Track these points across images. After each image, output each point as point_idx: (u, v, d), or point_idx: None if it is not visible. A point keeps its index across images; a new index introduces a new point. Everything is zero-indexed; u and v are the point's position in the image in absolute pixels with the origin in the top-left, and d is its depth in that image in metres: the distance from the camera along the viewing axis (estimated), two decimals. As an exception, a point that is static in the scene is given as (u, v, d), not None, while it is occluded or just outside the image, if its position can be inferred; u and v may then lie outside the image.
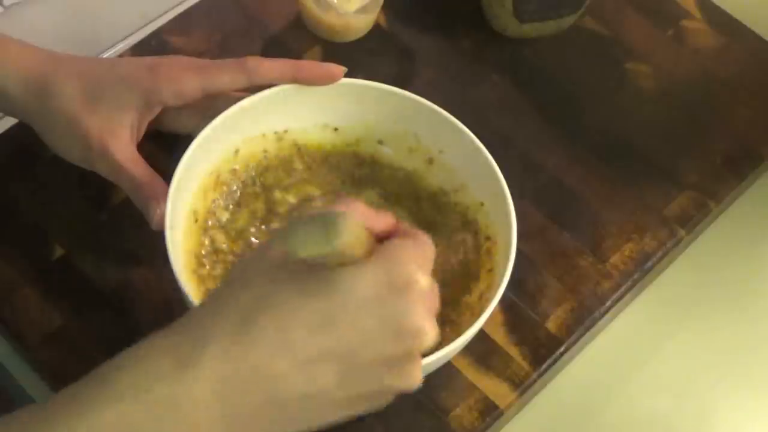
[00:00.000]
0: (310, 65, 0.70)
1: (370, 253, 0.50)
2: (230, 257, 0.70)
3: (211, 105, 0.70)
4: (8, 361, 0.71)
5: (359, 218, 0.50)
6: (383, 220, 0.52)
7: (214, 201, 0.71)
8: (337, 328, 0.48)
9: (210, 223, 0.70)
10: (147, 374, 0.47)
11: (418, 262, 0.50)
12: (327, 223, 0.46)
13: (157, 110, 0.71)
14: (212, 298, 0.50)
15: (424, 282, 0.50)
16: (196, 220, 0.69)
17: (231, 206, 0.72)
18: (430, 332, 0.50)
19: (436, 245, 0.72)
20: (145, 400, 0.46)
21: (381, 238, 0.52)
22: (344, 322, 0.48)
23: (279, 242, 0.49)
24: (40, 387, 0.70)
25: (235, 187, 0.72)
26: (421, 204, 0.74)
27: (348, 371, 0.49)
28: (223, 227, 0.71)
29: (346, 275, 0.48)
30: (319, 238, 0.46)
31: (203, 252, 0.69)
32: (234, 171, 0.72)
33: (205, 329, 0.48)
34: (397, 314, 0.48)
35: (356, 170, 0.74)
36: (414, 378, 0.51)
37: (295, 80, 0.70)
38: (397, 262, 0.49)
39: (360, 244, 0.49)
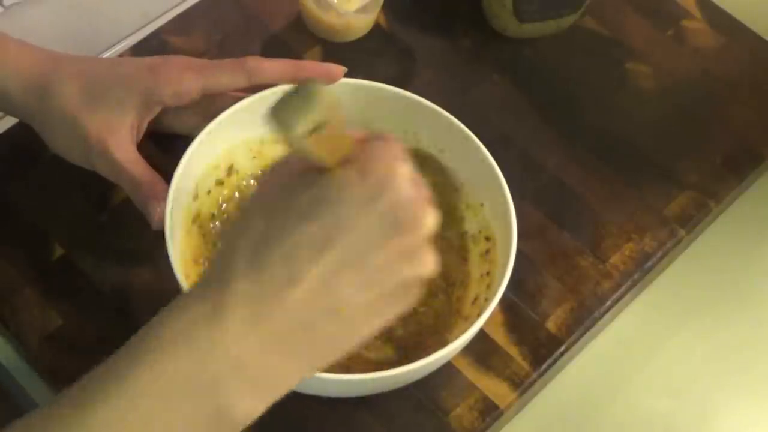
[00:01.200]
0: (310, 65, 0.70)
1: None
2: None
3: (211, 105, 0.70)
4: (8, 361, 0.71)
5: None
6: (352, 134, 0.54)
7: (213, 201, 0.71)
8: (339, 241, 0.49)
9: (210, 222, 0.70)
10: (183, 326, 0.48)
11: (393, 154, 0.51)
12: (307, 91, 0.47)
13: (157, 110, 0.71)
14: (223, 246, 0.51)
15: (404, 169, 0.50)
16: (196, 220, 0.69)
17: (231, 206, 0.72)
18: (428, 213, 0.51)
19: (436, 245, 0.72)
20: (190, 349, 0.47)
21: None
22: (345, 233, 0.49)
23: (268, 185, 0.50)
24: (40, 387, 0.70)
25: (235, 187, 0.72)
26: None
27: (363, 275, 0.49)
28: (222, 227, 0.71)
29: (333, 187, 0.49)
30: (307, 105, 0.47)
31: (203, 252, 0.69)
32: (234, 171, 0.72)
33: (222, 275, 0.49)
34: (391, 206, 0.49)
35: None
36: (429, 262, 0.52)
37: (295, 80, 0.70)
38: (374, 161, 0.50)
39: (339, 145, 0.50)
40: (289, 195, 0.50)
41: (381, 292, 0.50)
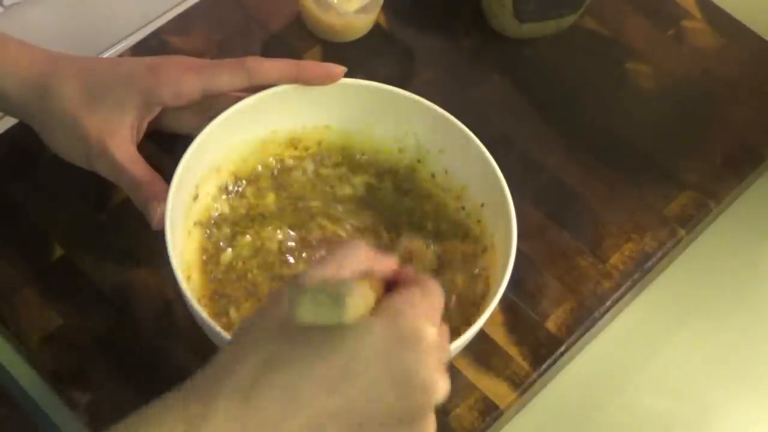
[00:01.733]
0: (311, 65, 0.70)
1: (375, 301, 0.50)
2: (230, 258, 0.70)
3: (211, 105, 0.70)
4: (8, 361, 0.71)
5: (361, 263, 0.50)
6: (385, 264, 0.52)
7: (214, 201, 0.71)
8: (346, 388, 0.48)
9: (210, 222, 0.70)
10: None
11: (425, 313, 0.49)
12: (337, 296, 0.46)
13: (156, 110, 0.71)
14: (221, 357, 0.50)
15: (431, 334, 0.49)
16: (196, 220, 0.69)
17: (231, 206, 0.72)
18: (441, 385, 0.49)
19: (436, 245, 0.72)
20: None
21: (388, 282, 0.52)
22: (353, 382, 0.48)
23: (284, 304, 0.49)
24: (40, 387, 0.70)
25: (234, 187, 0.72)
26: (420, 204, 0.74)
27: (359, 427, 0.48)
28: (222, 227, 0.71)
29: (353, 333, 0.48)
30: (327, 310, 0.46)
31: (203, 252, 0.69)
32: (234, 171, 0.72)
33: (214, 389, 0.47)
34: (406, 370, 0.48)
35: (355, 170, 0.74)
36: (428, 430, 0.50)
37: (295, 80, 0.70)
38: (402, 317, 0.49)
39: (366, 305, 0.49)
40: (305, 329, 0.48)
41: None
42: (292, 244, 0.71)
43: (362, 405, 0.48)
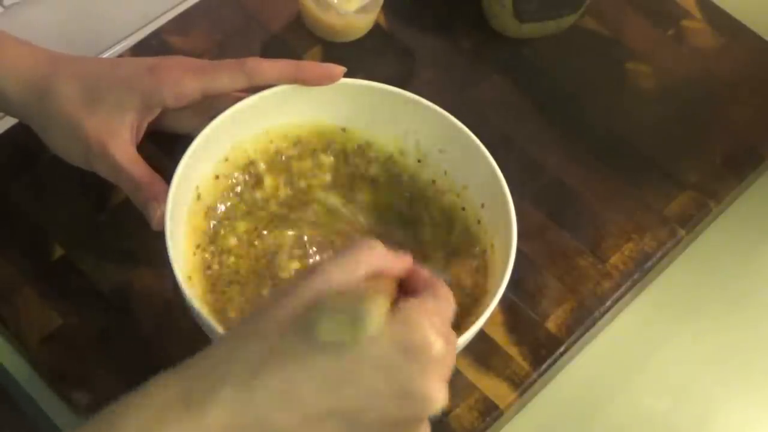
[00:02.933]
0: (310, 65, 0.70)
1: (390, 301, 0.50)
2: (230, 258, 0.70)
3: (211, 105, 0.70)
4: (8, 361, 0.71)
5: (376, 262, 0.50)
6: (401, 264, 0.52)
7: (214, 201, 0.71)
8: (345, 388, 0.48)
9: (210, 222, 0.70)
10: (156, 418, 0.47)
11: (434, 324, 0.49)
12: (355, 318, 0.46)
13: (156, 111, 0.71)
14: (225, 343, 0.50)
15: (438, 346, 0.49)
16: (196, 221, 0.69)
17: (231, 206, 0.72)
18: (439, 399, 0.49)
19: (434, 243, 0.72)
20: None
21: (401, 282, 0.52)
22: (353, 383, 0.48)
23: (288, 305, 0.49)
24: (40, 387, 0.70)
25: (235, 187, 0.72)
26: (420, 203, 0.74)
27: (352, 430, 0.48)
28: (222, 227, 0.71)
29: None
30: (346, 330, 0.46)
31: (204, 251, 0.69)
32: (234, 171, 0.72)
33: (215, 375, 0.47)
34: (408, 379, 0.48)
35: (355, 170, 0.74)
36: None
37: (295, 80, 0.70)
38: (412, 326, 0.48)
39: (380, 314, 0.48)
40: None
41: None
42: (294, 244, 0.71)
43: (359, 408, 0.48)
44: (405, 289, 0.53)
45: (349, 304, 0.47)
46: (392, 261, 0.52)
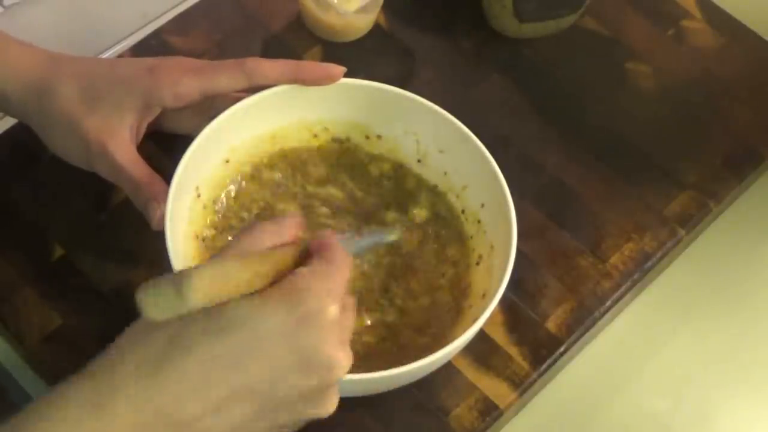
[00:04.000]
0: (310, 66, 0.70)
1: (279, 275, 0.50)
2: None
3: (211, 105, 0.70)
4: (8, 361, 0.72)
5: (261, 241, 0.51)
6: (287, 232, 0.53)
7: (214, 201, 0.71)
8: (246, 366, 0.48)
9: (210, 222, 0.70)
10: (65, 421, 0.47)
11: (326, 288, 0.50)
12: (179, 282, 0.46)
13: (156, 112, 0.71)
14: (126, 337, 0.50)
15: (331, 312, 0.49)
16: (197, 220, 0.69)
17: (232, 206, 0.72)
18: (343, 362, 0.50)
19: (435, 243, 0.72)
20: None
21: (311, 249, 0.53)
22: (253, 359, 0.48)
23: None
24: (39, 387, 0.70)
25: (235, 188, 0.72)
26: (420, 203, 0.74)
27: (263, 405, 0.49)
28: (223, 227, 0.71)
29: (252, 311, 0.48)
30: (172, 299, 0.46)
31: (204, 251, 0.69)
32: (234, 170, 0.72)
33: (117, 373, 0.48)
34: (307, 347, 0.48)
35: (355, 169, 0.74)
36: (329, 405, 0.51)
37: (294, 81, 0.70)
38: (301, 295, 0.49)
39: (246, 284, 0.49)
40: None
41: (272, 425, 0.50)
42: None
43: (265, 383, 0.48)
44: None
45: (167, 278, 0.47)
46: (277, 235, 0.52)
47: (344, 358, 0.50)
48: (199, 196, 0.70)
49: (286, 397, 0.49)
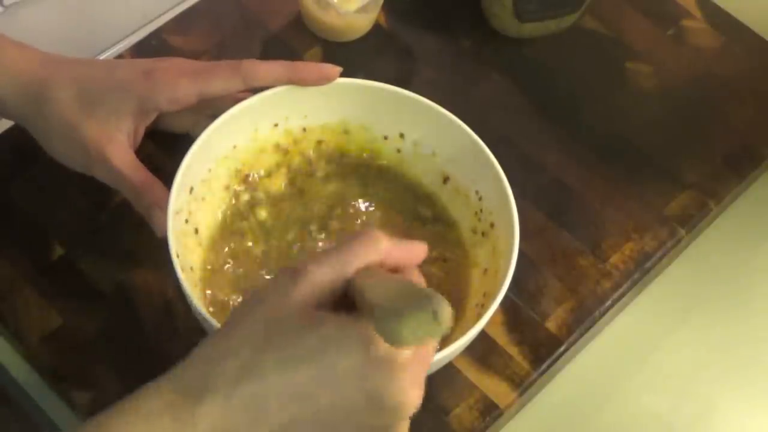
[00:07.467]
0: (306, 66, 0.70)
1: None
2: (230, 260, 0.70)
3: (209, 104, 0.70)
4: (8, 361, 0.71)
5: (374, 254, 0.51)
6: (409, 256, 0.53)
7: (215, 202, 0.71)
8: (315, 401, 0.48)
9: (211, 223, 0.70)
10: (145, 429, 0.48)
11: None
12: (436, 311, 0.45)
13: (153, 116, 0.71)
14: (204, 354, 0.50)
15: (408, 351, 0.49)
16: (198, 223, 0.69)
17: (232, 207, 0.72)
18: (415, 401, 0.49)
19: (436, 244, 0.72)
20: None
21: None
22: (323, 395, 0.48)
23: (274, 296, 0.49)
24: (39, 387, 0.70)
25: (235, 188, 0.72)
26: (420, 202, 0.74)
27: None
28: (223, 228, 0.71)
29: (330, 345, 0.48)
30: (430, 325, 0.45)
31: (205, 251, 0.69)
32: (234, 172, 0.72)
33: (197, 391, 0.48)
34: (379, 391, 0.48)
35: (356, 169, 0.74)
36: None
37: (290, 82, 0.70)
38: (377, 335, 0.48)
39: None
40: (289, 330, 0.48)
41: None
42: (294, 243, 0.71)
43: (332, 416, 0.48)
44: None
45: (417, 301, 0.46)
46: (398, 248, 0.52)
47: (415, 397, 0.49)
48: (199, 198, 0.69)
49: (350, 429, 0.49)
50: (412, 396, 0.49)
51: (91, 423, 0.49)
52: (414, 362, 0.49)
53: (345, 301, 0.51)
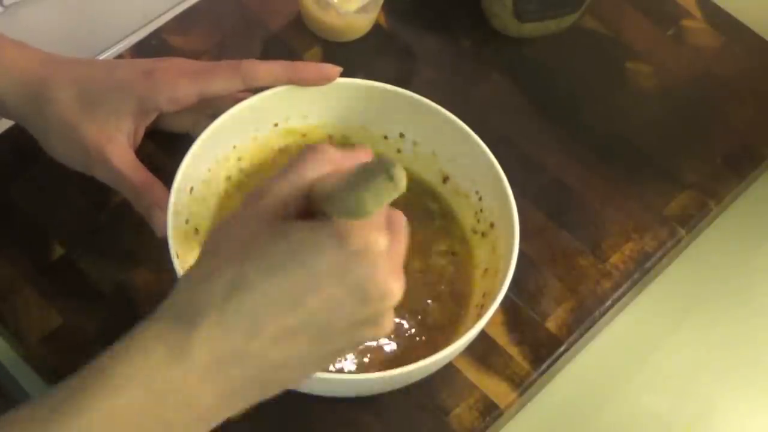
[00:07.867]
0: (305, 66, 0.70)
1: None
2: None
3: (209, 104, 0.70)
4: (8, 361, 0.72)
5: (335, 159, 0.52)
6: (355, 158, 0.54)
7: (214, 202, 0.71)
8: (304, 304, 0.49)
9: (211, 223, 0.70)
10: (143, 363, 0.49)
11: (374, 223, 0.51)
12: (389, 171, 0.46)
13: (153, 116, 0.71)
14: (188, 282, 0.51)
15: (381, 242, 0.50)
16: (198, 223, 0.69)
17: (232, 208, 0.72)
18: (395, 290, 0.51)
19: (445, 238, 0.72)
20: (146, 388, 0.48)
21: None
22: (311, 297, 0.49)
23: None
24: (39, 386, 0.70)
25: (235, 188, 0.72)
26: (420, 202, 0.74)
27: (320, 338, 0.51)
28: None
29: (306, 247, 0.49)
30: (388, 188, 0.46)
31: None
32: (234, 172, 0.72)
33: (188, 316, 0.49)
34: (361, 280, 0.50)
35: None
36: (386, 327, 0.53)
37: (290, 82, 0.70)
38: (352, 231, 0.50)
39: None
40: (264, 241, 0.50)
41: (333, 349, 0.52)
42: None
43: (324, 315, 0.50)
44: None
45: (368, 169, 0.47)
46: (347, 158, 0.53)
47: (396, 287, 0.51)
48: (200, 198, 0.69)
49: (343, 326, 0.51)
50: (393, 285, 0.51)
51: (86, 368, 0.50)
52: (390, 253, 0.51)
53: (310, 218, 0.52)
